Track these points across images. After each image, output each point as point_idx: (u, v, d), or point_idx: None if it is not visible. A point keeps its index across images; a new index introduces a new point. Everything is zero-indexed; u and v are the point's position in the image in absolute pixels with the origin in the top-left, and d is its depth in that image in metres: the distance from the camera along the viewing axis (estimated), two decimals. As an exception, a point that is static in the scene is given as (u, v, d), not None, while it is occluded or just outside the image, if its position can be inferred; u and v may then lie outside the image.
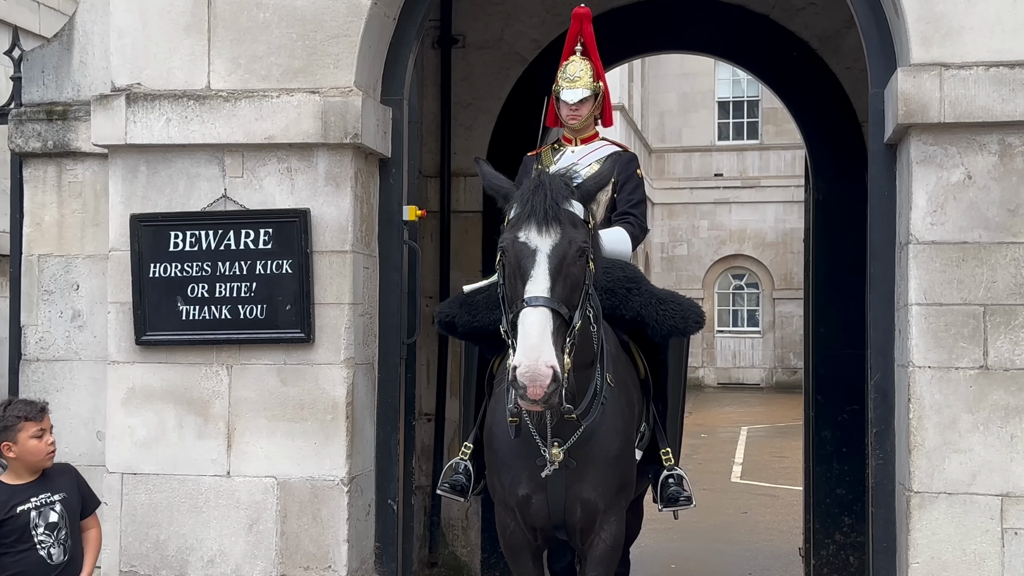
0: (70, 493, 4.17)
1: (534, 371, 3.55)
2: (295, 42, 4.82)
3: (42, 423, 4.11)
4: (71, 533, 4.13)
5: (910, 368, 4.36)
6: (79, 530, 4.19)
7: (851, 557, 6.94)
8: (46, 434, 4.11)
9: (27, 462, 4.09)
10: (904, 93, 4.35)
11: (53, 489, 4.13)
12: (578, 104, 4.97)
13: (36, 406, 4.14)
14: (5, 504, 4.03)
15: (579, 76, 4.97)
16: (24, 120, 5.20)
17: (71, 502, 4.16)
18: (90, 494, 4.30)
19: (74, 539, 4.15)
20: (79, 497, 4.20)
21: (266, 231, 4.78)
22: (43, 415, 4.13)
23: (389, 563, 5.03)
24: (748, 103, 28.31)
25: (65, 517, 4.13)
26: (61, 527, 4.11)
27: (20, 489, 4.07)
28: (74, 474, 4.28)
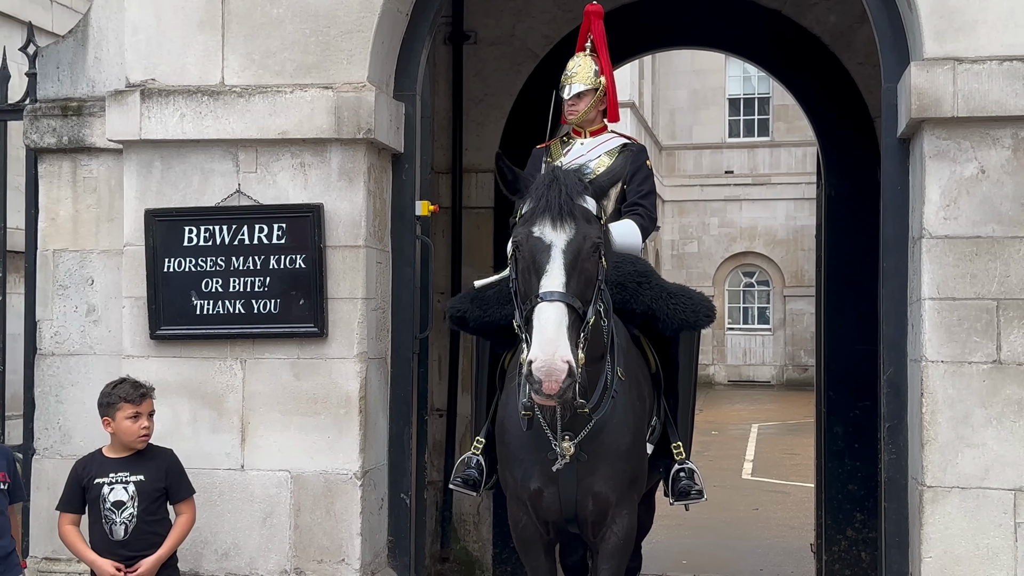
0: (151, 477, 4.33)
1: (550, 366, 3.56)
2: (308, 38, 4.84)
3: (139, 407, 4.34)
4: (141, 515, 4.29)
5: (923, 363, 4.36)
6: (155, 514, 4.33)
7: (863, 553, 6.94)
8: (141, 418, 4.34)
9: (122, 440, 4.34)
10: (917, 87, 4.35)
11: (135, 470, 4.33)
12: (574, 99, 4.99)
13: (139, 390, 4.36)
14: (89, 474, 4.34)
15: (576, 72, 5.00)
16: (39, 116, 5.22)
17: (148, 486, 4.32)
18: (180, 482, 4.43)
19: (145, 523, 4.29)
20: (163, 483, 4.36)
21: (280, 226, 4.80)
22: (143, 400, 4.35)
23: (402, 557, 5.05)
24: (759, 100, 28.29)
25: (135, 498, 4.29)
26: (128, 507, 4.29)
27: (108, 463, 4.35)
28: (167, 461, 4.42)
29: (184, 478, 4.46)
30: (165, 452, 4.47)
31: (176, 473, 4.43)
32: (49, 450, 5.20)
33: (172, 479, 4.40)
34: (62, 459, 5.15)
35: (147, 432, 4.37)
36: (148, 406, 4.39)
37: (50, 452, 5.20)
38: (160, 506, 4.38)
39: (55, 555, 5.14)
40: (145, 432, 4.37)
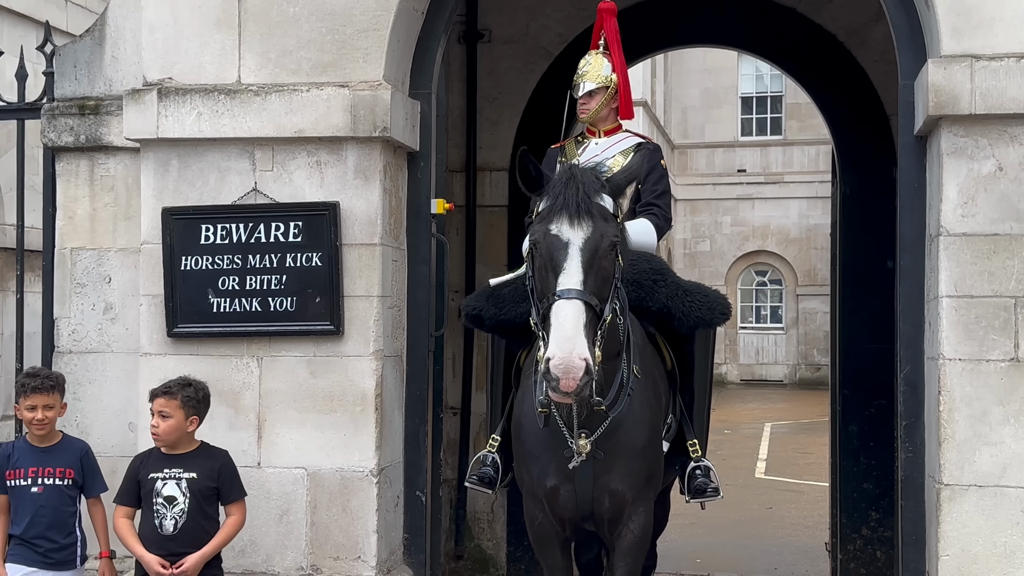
0: (203, 476, 4.37)
1: (568, 363, 3.56)
2: (324, 36, 4.85)
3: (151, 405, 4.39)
4: (191, 512, 4.33)
5: (940, 361, 4.35)
6: (204, 513, 4.37)
7: (878, 552, 6.92)
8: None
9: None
10: (935, 85, 4.34)
11: (188, 467, 4.37)
12: (586, 97, 5.00)
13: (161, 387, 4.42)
14: (145, 469, 4.41)
15: (587, 70, 5.00)
16: (56, 115, 5.25)
17: (200, 484, 4.35)
18: (232, 483, 4.45)
19: (195, 520, 4.33)
20: (215, 482, 4.39)
21: (296, 224, 4.82)
22: (154, 399, 4.38)
23: (417, 554, 5.06)
24: (772, 98, 28.23)
25: (187, 495, 4.34)
26: (178, 503, 4.34)
27: (164, 459, 4.40)
28: (220, 461, 4.45)
29: (236, 480, 4.47)
30: (220, 453, 4.50)
31: (228, 474, 4.44)
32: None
33: (224, 480, 4.41)
34: (80, 456, 5.18)
35: (156, 432, 4.35)
36: (159, 404, 4.35)
37: (68, 449, 5.21)
38: (210, 505, 4.40)
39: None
40: (155, 431, 4.35)
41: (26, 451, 4.49)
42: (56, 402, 4.48)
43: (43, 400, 4.43)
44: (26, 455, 4.48)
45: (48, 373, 4.60)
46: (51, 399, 4.45)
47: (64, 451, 4.51)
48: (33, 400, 4.42)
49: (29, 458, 4.46)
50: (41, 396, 4.42)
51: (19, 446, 4.55)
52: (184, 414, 4.37)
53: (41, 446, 4.50)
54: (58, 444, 4.53)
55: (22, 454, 4.48)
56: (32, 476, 4.44)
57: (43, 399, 4.43)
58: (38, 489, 4.43)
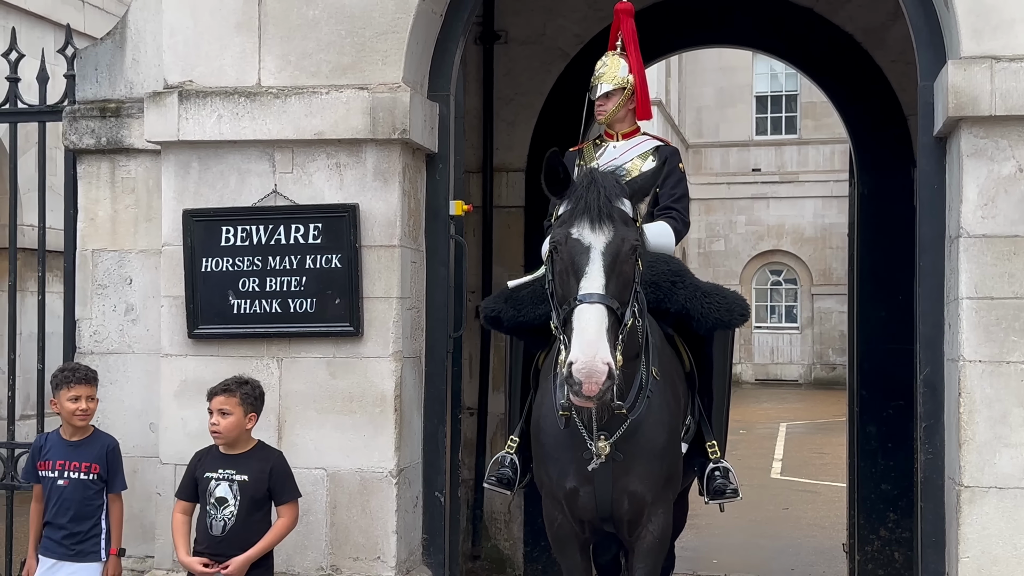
0: (254, 479, 4.39)
1: (591, 367, 3.57)
2: (344, 39, 4.87)
3: (210, 404, 4.42)
4: (240, 514, 4.35)
5: (960, 362, 4.35)
6: (254, 515, 4.39)
7: (896, 553, 6.91)
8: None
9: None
10: (955, 86, 4.33)
11: (241, 469, 4.39)
12: (603, 98, 4.99)
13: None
14: (202, 467, 4.46)
15: (604, 72, 5.00)
16: (78, 117, 5.28)
17: (251, 487, 4.37)
18: (284, 485, 4.45)
19: (244, 522, 4.36)
20: (266, 484, 4.40)
21: (315, 226, 4.84)
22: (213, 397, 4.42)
23: (436, 554, 5.08)
24: (786, 97, 28.16)
25: (237, 497, 4.36)
26: (229, 504, 4.37)
27: (219, 459, 4.44)
28: (273, 463, 4.46)
29: (288, 481, 4.47)
30: (274, 454, 4.52)
31: (280, 476, 4.44)
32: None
33: (275, 481, 4.42)
34: (101, 456, 5.21)
35: (217, 430, 4.40)
36: (219, 403, 4.40)
37: (89, 450, 5.25)
38: (261, 507, 4.41)
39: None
40: (215, 429, 4.40)
41: (57, 444, 4.62)
42: (95, 394, 4.62)
43: (86, 391, 4.57)
44: (57, 448, 4.60)
45: (86, 366, 4.71)
46: (92, 390, 4.60)
47: (92, 446, 4.61)
48: (77, 391, 4.54)
49: (59, 451, 4.58)
50: (84, 387, 4.56)
51: (51, 438, 4.68)
52: (243, 411, 4.41)
53: (72, 440, 4.61)
54: (88, 438, 4.64)
55: (53, 446, 4.61)
56: (59, 469, 4.56)
57: (86, 390, 4.57)
58: (64, 482, 4.55)
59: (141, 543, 5.05)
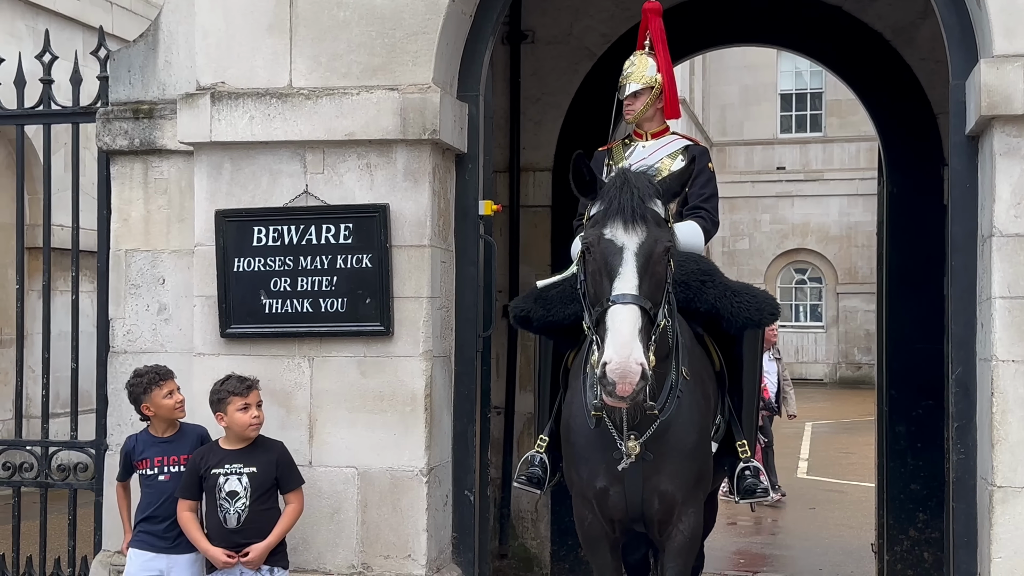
0: (262, 469, 4.51)
1: (624, 368, 3.58)
2: (374, 40, 4.90)
3: (247, 398, 4.50)
4: (253, 505, 4.47)
5: (993, 362, 4.32)
6: (265, 504, 4.51)
7: (925, 553, 6.88)
8: (251, 408, 4.52)
9: (236, 432, 4.52)
10: (987, 85, 4.31)
11: (248, 462, 4.50)
12: (631, 98, 4.99)
13: (244, 383, 4.55)
14: (206, 464, 4.53)
15: (632, 71, 4.99)
16: (111, 119, 5.33)
17: (260, 477, 4.49)
18: (290, 473, 4.59)
19: (257, 512, 4.47)
20: (274, 474, 4.52)
21: (346, 226, 4.87)
22: (249, 391, 4.52)
23: (466, 553, 5.10)
24: (811, 95, 28.02)
25: (248, 489, 4.48)
26: (240, 497, 4.48)
27: (225, 454, 4.53)
28: (277, 453, 4.58)
29: (294, 470, 4.61)
30: (277, 445, 4.62)
31: (286, 465, 4.58)
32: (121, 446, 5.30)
33: (282, 470, 4.56)
34: (134, 455, 5.27)
35: (258, 421, 4.53)
36: (255, 397, 4.54)
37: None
38: (270, 496, 4.54)
39: (127, 549, 5.26)
40: (255, 421, 4.53)
41: (150, 442, 4.71)
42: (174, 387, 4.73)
43: (175, 385, 4.69)
44: (150, 446, 4.69)
45: (159, 363, 4.80)
46: (176, 383, 4.70)
47: (184, 439, 4.71)
48: (169, 386, 4.66)
49: (155, 449, 4.68)
50: (172, 382, 4.68)
51: (142, 438, 4.75)
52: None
53: (163, 436, 4.71)
54: (179, 432, 4.74)
55: (146, 446, 4.70)
56: (159, 465, 4.66)
57: (174, 384, 4.69)
58: (165, 477, 4.65)
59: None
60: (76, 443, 5.57)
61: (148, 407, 4.65)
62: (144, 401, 4.64)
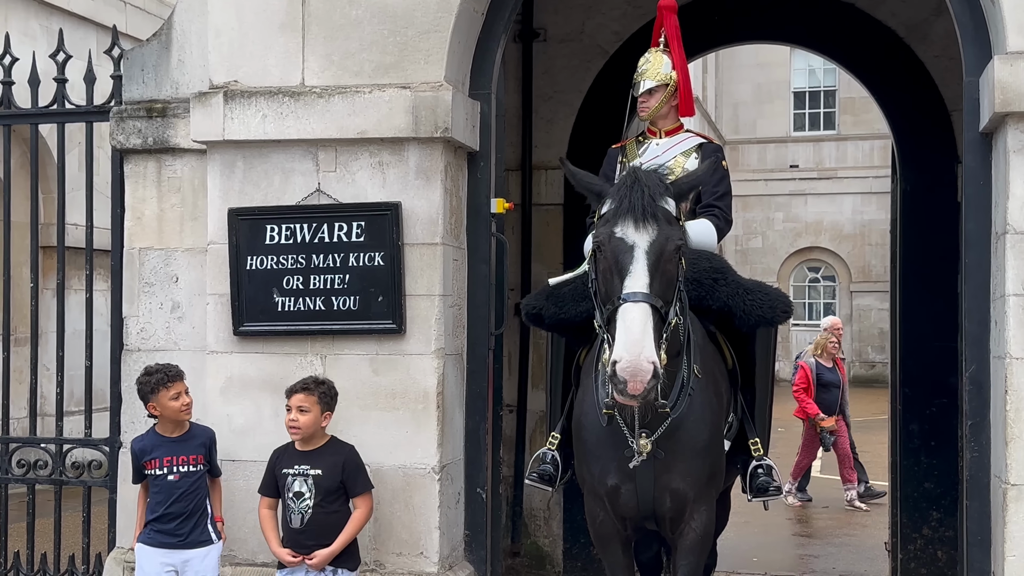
0: (328, 473, 4.54)
1: (635, 366, 3.58)
2: (386, 38, 4.91)
3: (288, 401, 4.56)
4: (316, 507, 4.51)
5: (1007, 360, 4.31)
6: (330, 508, 4.53)
7: (939, 551, 6.86)
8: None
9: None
10: (1001, 81, 4.29)
11: (315, 464, 4.55)
12: (645, 95, 4.98)
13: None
14: (280, 463, 4.63)
15: (647, 68, 4.98)
16: (125, 117, 5.35)
17: (325, 481, 4.52)
18: (356, 478, 4.60)
19: (321, 514, 4.51)
20: (339, 478, 4.54)
21: (359, 224, 4.88)
22: (291, 395, 4.57)
23: (478, 550, 5.11)
24: (824, 93, 27.92)
25: (312, 492, 4.52)
26: (305, 498, 4.52)
27: (295, 455, 4.60)
28: (344, 457, 4.60)
29: (361, 475, 4.61)
30: (346, 448, 4.64)
31: (352, 469, 4.58)
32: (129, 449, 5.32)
33: (348, 475, 4.56)
34: (148, 452, 5.29)
35: (297, 426, 4.55)
36: (297, 400, 4.54)
37: (136, 445, 5.33)
38: (336, 500, 4.55)
39: (141, 546, 5.28)
40: (294, 425, 4.54)
41: (158, 443, 4.73)
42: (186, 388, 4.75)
43: (183, 386, 4.70)
44: (159, 446, 4.71)
45: (171, 364, 4.79)
46: (185, 385, 4.72)
47: (193, 439, 4.74)
48: (176, 388, 4.67)
49: (164, 448, 4.70)
50: (180, 383, 4.70)
51: (150, 438, 4.77)
52: (320, 409, 4.56)
53: (172, 436, 4.73)
54: (188, 432, 4.76)
55: (154, 446, 4.72)
56: (168, 465, 4.68)
57: (182, 385, 4.70)
58: (175, 477, 4.67)
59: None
60: (90, 441, 5.59)
61: (154, 406, 4.67)
62: (151, 400, 4.66)
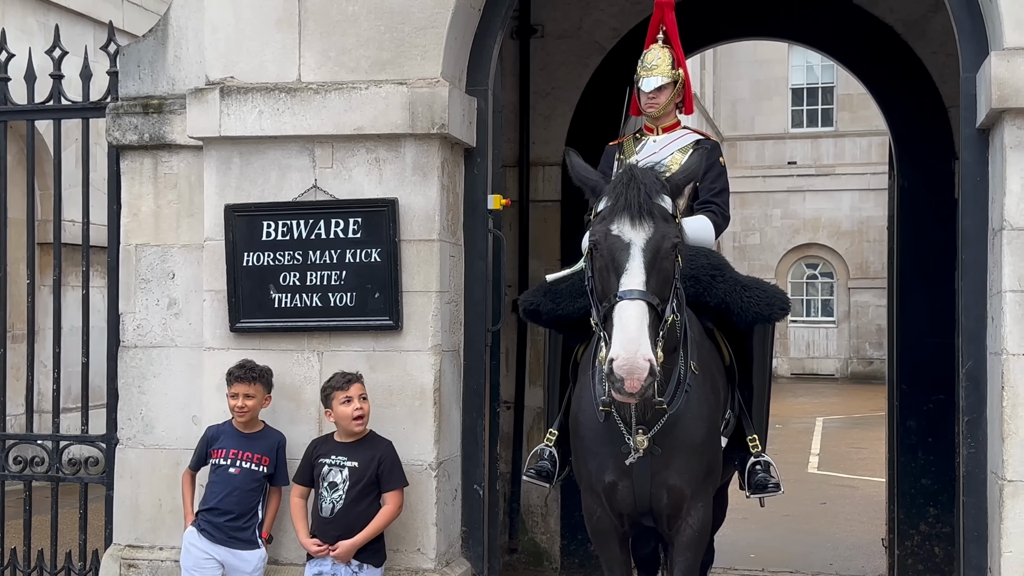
0: (363, 466, 4.58)
1: (632, 364, 3.57)
2: (383, 34, 4.90)
3: (348, 391, 4.60)
4: (348, 499, 4.55)
5: (1004, 356, 4.31)
6: (361, 501, 4.57)
7: (936, 548, 6.87)
8: (353, 401, 4.61)
9: (343, 426, 4.63)
10: (998, 78, 4.29)
11: (352, 456, 4.60)
12: (655, 92, 4.95)
13: (345, 377, 4.66)
14: (318, 453, 4.68)
15: (656, 64, 4.95)
16: (121, 114, 5.34)
17: (359, 473, 4.57)
18: (391, 473, 4.63)
19: (351, 505, 4.55)
20: (375, 471, 4.58)
21: (355, 220, 4.87)
22: (350, 385, 4.62)
23: (475, 547, 5.11)
24: (823, 90, 27.91)
25: (346, 483, 4.57)
26: (339, 489, 4.57)
27: (334, 446, 4.66)
28: (381, 451, 4.63)
29: (395, 470, 4.64)
30: (383, 443, 4.67)
31: (388, 464, 4.62)
32: (132, 440, 5.33)
33: (383, 469, 4.60)
34: (145, 449, 5.30)
35: (360, 413, 4.60)
36: (357, 390, 4.61)
37: (133, 442, 5.33)
38: (368, 494, 4.59)
39: (137, 543, 5.29)
40: (359, 413, 4.60)
41: (231, 434, 4.80)
42: (257, 393, 4.76)
43: (244, 389, 4.73)
44: (230, 437, 4.79)
45: (252, 365, 4.81)
46: (252, 389, 4.74)
47: (264, 440, 4.80)
48: (235, 388, 4.73)
49: (233, 440, 4.77)
50: (242, 385, 4.73)
51: (224, 428, 4.84)
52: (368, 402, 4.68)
53: (245, 431, 4.79)
54: (260, 432, 4.82)
55: (227, 436, 4.79)
56: (232, 457, 4.75)
57: (244, 388, 4.73)
58: (235, 470, 4.73)
59: (185, 534, 5.11)
60: (87, 437, 5.59)
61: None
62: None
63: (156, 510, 5.27)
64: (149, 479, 5.28)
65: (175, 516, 5.14)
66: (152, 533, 5.27)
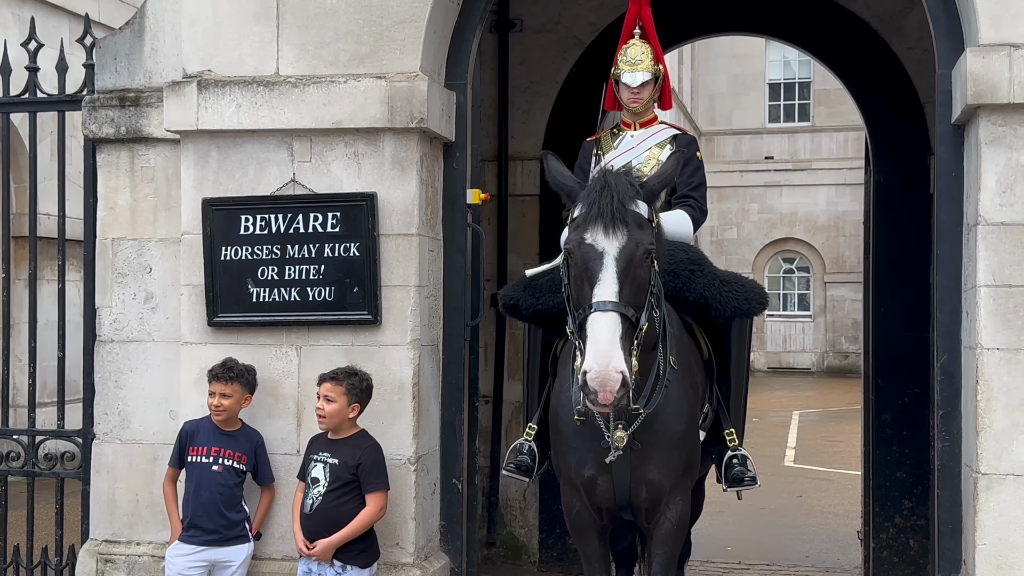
0: (343, 463, 4.56)
1: (604, 376, 3.58)
2: (362, 28, 4.88)
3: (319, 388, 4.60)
4: (327, 495, 4.54)
5: (978, 350, 4.35)
6: (340, 498, 4.55)
7: (911, 540, 6.92)
8: (320, 400, 4.60)
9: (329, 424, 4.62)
10: (973, 74, 4.33)
11: (335, 453, 4.58)
12: (639, 87, 4.95)
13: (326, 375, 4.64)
14: (310, 449, 4.69)
15: (640, 59, 4.95)
16: (97, 107, 5.30)
17: (340, 470, 4.55)
18: (371, 474, 4.59)
19: (330, 502, 4.53)
20: (354, 470, 4.55)
21: (334, 215, 4.86)
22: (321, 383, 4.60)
23: (454, 541, 5.11)
24: (799, 85, 28.06)
25: (327, 479, 4.55)
26: (320, 485, 4.56)
27: (323, 442, 4.66)
28: (363, 451, 4.60)
29: (377, 472, 4.59)
30: (369, 444, 4.64)
31: (368, 465, 4.58)
32: (108, 435, 5.30)
33: (364, 470, 4.57)
34: (122, 444, 5.27)
35: (321, 413, 4.59)
36: (325, 389, 4.58)
37: (109, 437, 5.30)
38: (347, 492, 4.55)
39: (114, 538, 5.26)
40: (320, 413, 4.60)
41: (210, 431, 4.77)
42: (235, 392, 4.72)
43: (220, 388, 4.71)
44: (210, 435, 4.76)
45: (233, 364, 4.78)
46: (229, 389, 4.71)
47: (244, 438, 4.78)
48: (212, 387, 4.71)
49: (213, 438, 4.75)
50: (219, 384, 4.71)
51: (204, 425, 4.81)
52: (347, 400, 4.57)
53: (225, 429, 4.76)
54: (240, 431, 4.80)
55: (207, 433, 4.76)
56: (214, 455, 4.72)
57: (220, 387, 4.71)
58: (218, 468, 4.72)
59: (161, 529, 5.09)
60: (63, 432, 5.56)
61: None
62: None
63: (133, 505, 5.24)
64: (126, 474, 5.25)
65: (152, 511, 5.12)
66: (129, 528, 5.25)
